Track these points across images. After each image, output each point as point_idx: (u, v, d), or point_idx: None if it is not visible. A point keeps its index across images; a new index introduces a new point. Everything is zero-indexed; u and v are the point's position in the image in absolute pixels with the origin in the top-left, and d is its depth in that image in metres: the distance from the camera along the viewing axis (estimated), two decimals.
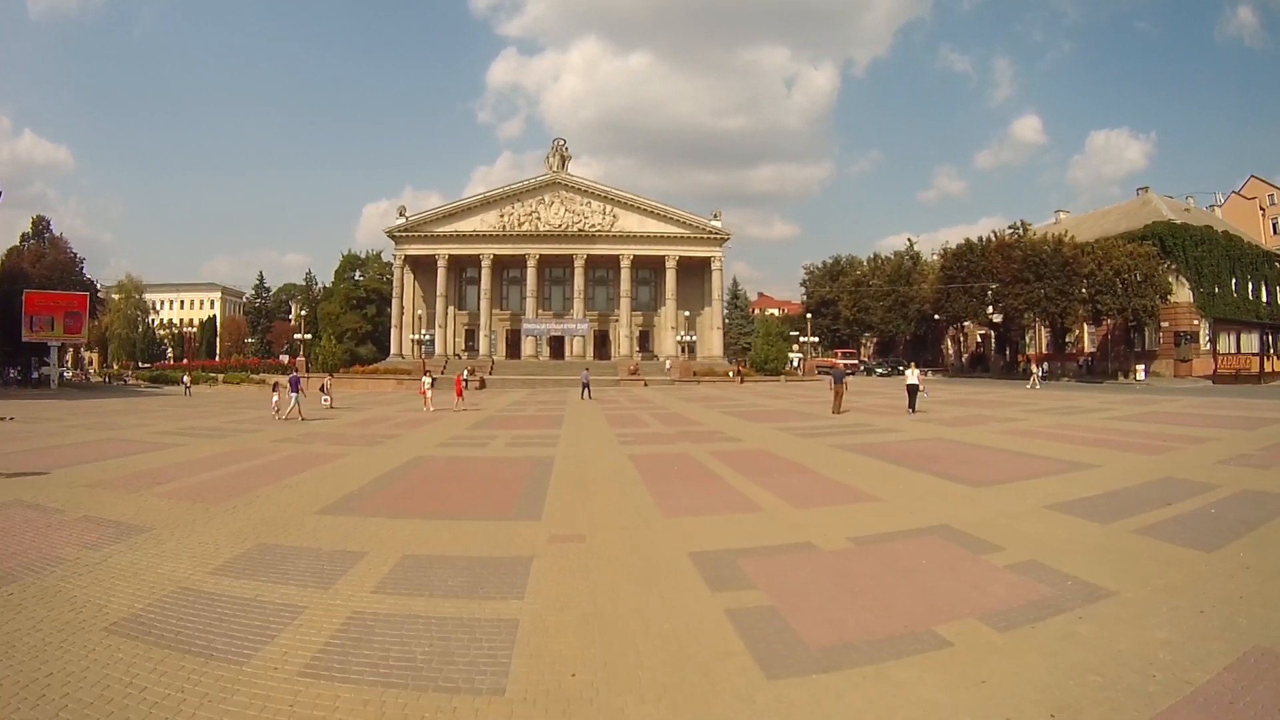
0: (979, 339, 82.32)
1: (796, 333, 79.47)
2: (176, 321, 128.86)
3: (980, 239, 68.46)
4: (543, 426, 22.41)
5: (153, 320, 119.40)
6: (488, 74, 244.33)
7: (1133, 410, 26.81)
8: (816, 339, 71.07)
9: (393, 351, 70.75)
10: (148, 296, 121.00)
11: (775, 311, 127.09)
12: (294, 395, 26.05)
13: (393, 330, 71.47)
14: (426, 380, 30.20)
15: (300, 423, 24.22)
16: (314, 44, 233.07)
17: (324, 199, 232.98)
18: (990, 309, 66.50)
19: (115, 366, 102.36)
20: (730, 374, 58.77)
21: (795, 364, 69.66)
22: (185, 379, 50.55)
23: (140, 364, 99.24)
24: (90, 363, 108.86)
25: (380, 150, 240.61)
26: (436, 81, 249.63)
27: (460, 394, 30.59)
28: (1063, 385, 52.29)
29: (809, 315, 72.05)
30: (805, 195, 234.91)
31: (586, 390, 39.50)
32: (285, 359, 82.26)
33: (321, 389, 32.68)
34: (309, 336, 68.30)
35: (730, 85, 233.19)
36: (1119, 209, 71.96)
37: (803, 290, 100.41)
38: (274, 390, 28.22)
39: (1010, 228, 66.71)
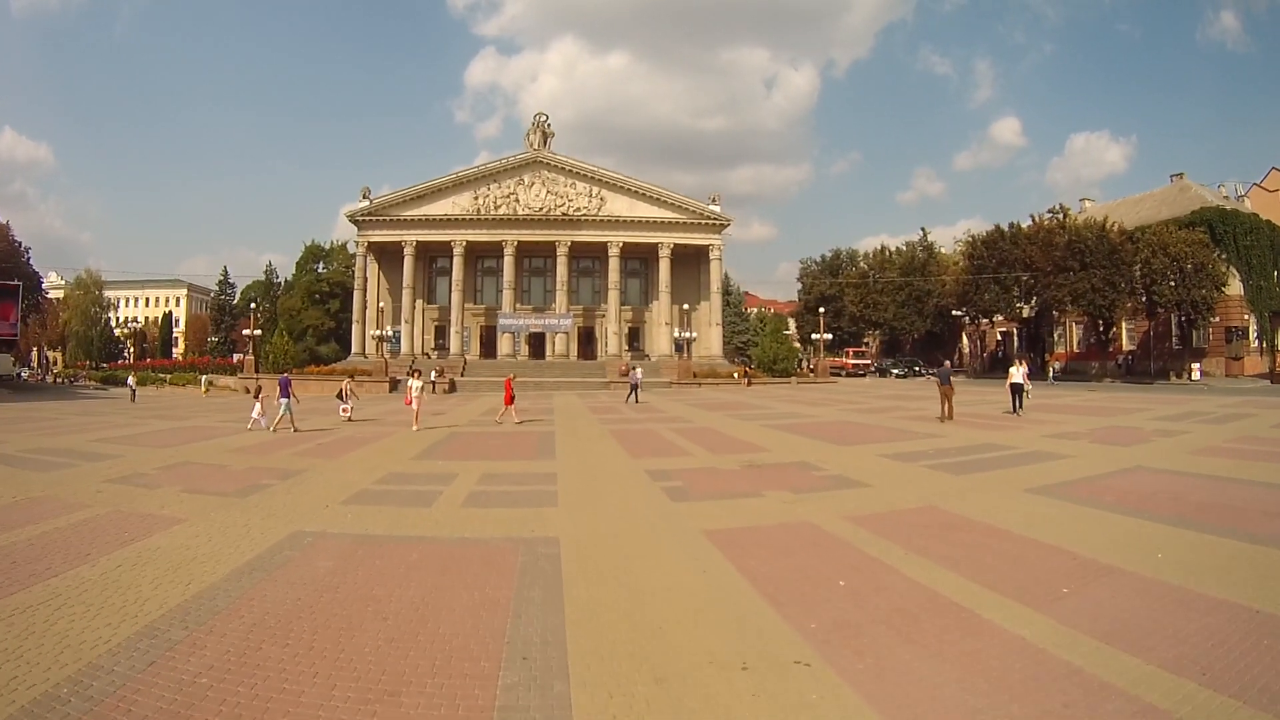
0: (999, 337, 76.25)
1: (788, 332, 73.11)
2: (142, 320, 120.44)
3: (1011, 225, 62.45)
4: (527, 454, 15.18)
5: (112, 318, 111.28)
6: (466, 74, 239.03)
7: None
8: (830, 336, 64.13)
9: (353, 350, 62.92)
10: (110, 293, 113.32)
11: (750, 312, 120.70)
12: (284, 401, 20.51)
13: (354, 326, 63.59)
14: (414, 385, 21.10)
15: (291, 433, 19.48)
16: (291, 42, 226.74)
17: (301, 198, 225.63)
18: (1023, 302, 60.91)
19: (73, 366, 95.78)
20: (736, 375, 51.84)
21: (802, 364, 63.00)
22: (130, 380, 42.63)
23: (98, 363, 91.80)
24: (55, 362, 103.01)
25: (357, 149, 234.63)
26: (414, 81, 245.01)
27: (510, 400, 22.48)
28: (1107, 386, 46.15)
29: (821, 310, 64.94)
30: (783, 196, 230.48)
31: (635, 393, 34.29)
32: (237, 358, 74.85)
33: (340, 395, 24.73)
34: (259, 333, 60.18)
35: (709, 85, 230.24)
36: (1155, 196, 66.93)
37: (799, 286, 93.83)
38: (256, 397, 21.67)
39: (1050, 211, 60.54)
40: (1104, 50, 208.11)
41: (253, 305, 71.41)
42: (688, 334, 54.58)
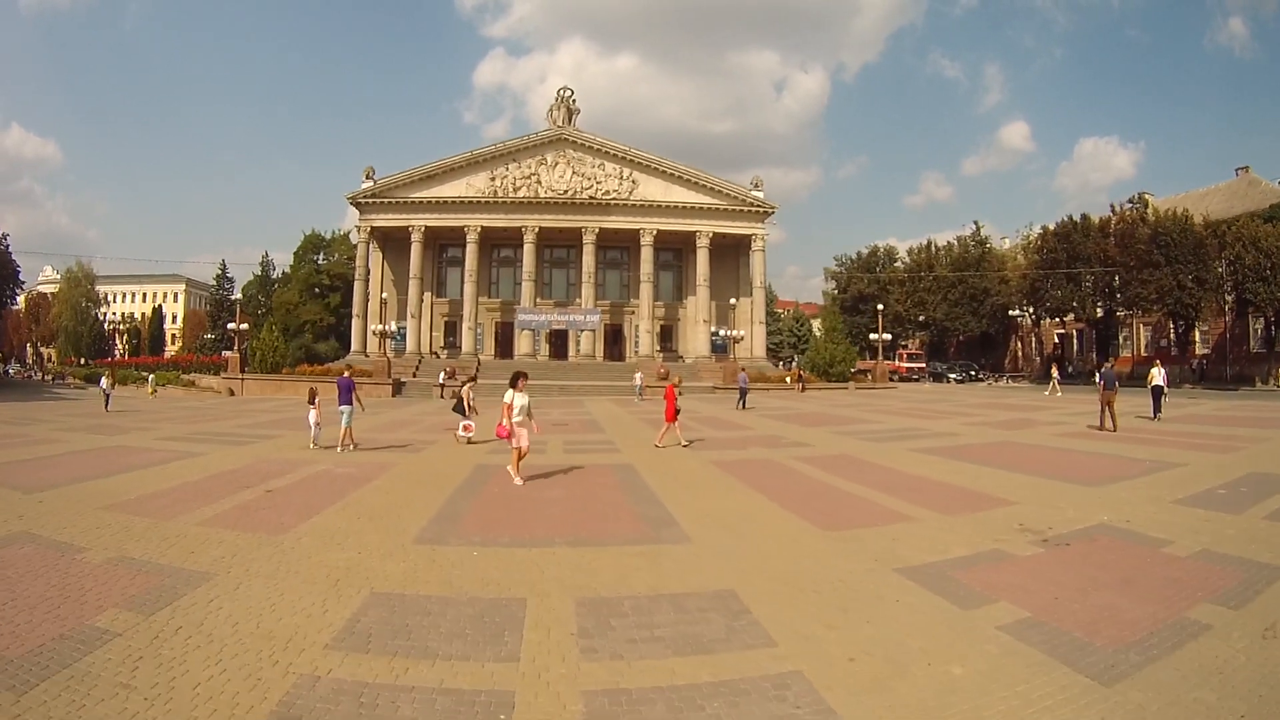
0: (1056, 339, 69.74)
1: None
2: (138, 315, 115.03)
3: (1083, 217, 56.89)
4: (627, 525, 8.59)
5: (104, 313, 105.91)
6: (474, 75, 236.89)
7: None
8: (889, 336, 57.54)
9: (353, 348, 56.54)
10: (107, 288, 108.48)
11: (780, 313, 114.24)
12: (345, 410, 15.59)
13: (354, 321, 57.21)
14: (519, 401, 11.23)
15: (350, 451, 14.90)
16: (298, 41, 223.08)
17: (307, 198, 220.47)
18: (1099, 300, 55.05)
19: (64, 363, 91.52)
20: (788, 380, 45.43)
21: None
22: (103, 381, 34.15)
23: (85, 360, 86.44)
24: (50, 359, 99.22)
25: (364, 149, 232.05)
26: (422, 81, 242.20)
27: (673, 416, 16.20)
28: (1186, 393, 40.07)
29: (880, 308, 57.89)
30: (791, 200, 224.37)
31: (743, 399, 30.51)
32: (227, 355, 68.96)
33: (459, 405, 17.59)
34: (244, 327, 53.79)
35: (718, 88, 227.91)
36: (1221, 190, 61.55)
37: (834, 284, 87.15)
38: (310, 403, 16.03)
39: (1129, 201, 54.49)
40: (1113, 55, 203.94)
41: (238, 297, 65.19)
42: (734, 332, 47.98)
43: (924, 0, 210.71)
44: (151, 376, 45.41)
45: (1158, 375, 23.21)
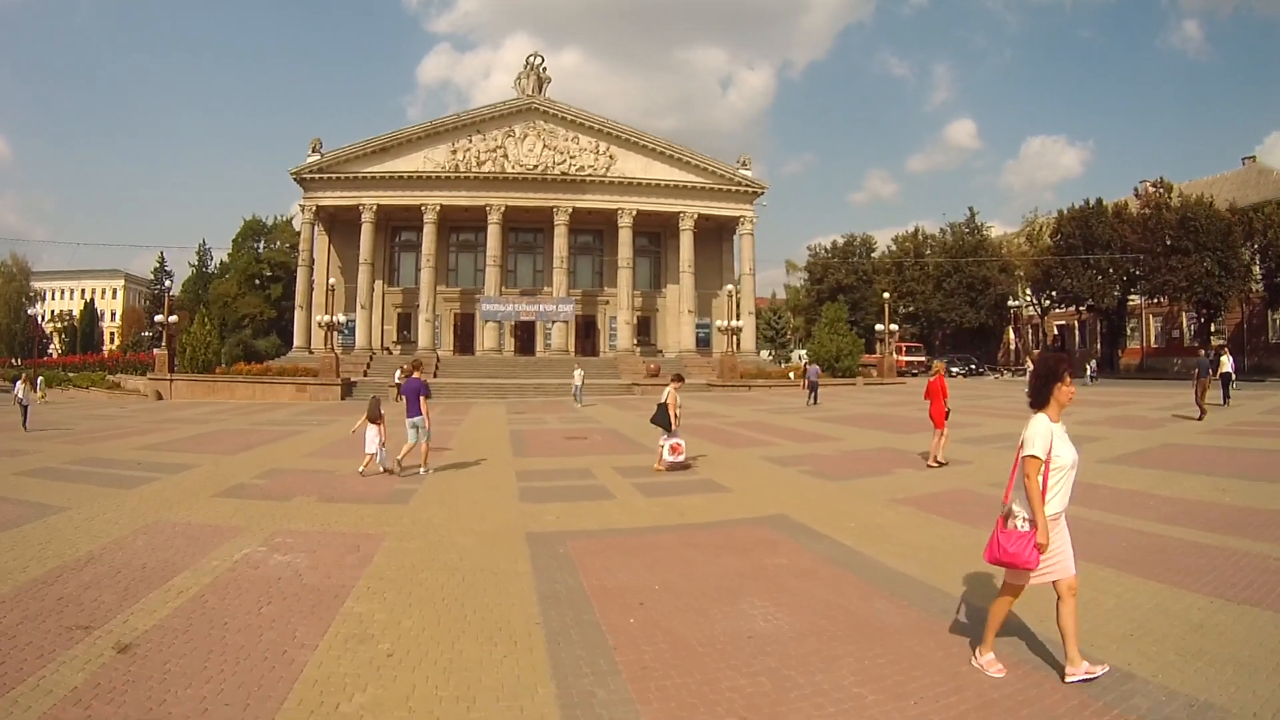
0: (1055, 330, 66.59)
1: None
2: (75, 312, 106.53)
3: (1097, 201, 53.94)
4: None
5: (39, 310, 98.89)
6: (419, 70, 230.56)
7: None
8: (895, 328, 52.95)
9: (296, 343, 49.93)
10: (44, 284, 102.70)
11: None
12: (415, 424, 11.76)
13: (297, 312, 50.50)
14: (1063, 453, 4.12)
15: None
16: (244, 32, 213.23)
17: (254, 193, 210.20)
18: (1119, 287, 51.96)
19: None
20: (791, 375, 40.72)
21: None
22: (18, 387, 24.01)
23: (19, 360, 78.78)
24: None
25: (307, 143, 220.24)
26: (366, 77, 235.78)
27: (942, 423, 12.45)
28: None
29: (886, 296, 53.20)
30: None
31: (814, 395, 26.53)
32: (156, 353, 61.80)
33: (661, 415, 12.60)
34: (175, 319, 46.83)
35: (664, 85, 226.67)
36: (1230, 178, 59.64)
37: (806, 276, 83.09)
38: (374, 421, 11.82)
39: (1153, 184, 51.43)
40: (1065, 56, 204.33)
41: (174, 291, 58.00)
42: (734, 323, 42.83)
43: None
44: (40, 379, 38.44)
45: (1227, 363, 24.47)
